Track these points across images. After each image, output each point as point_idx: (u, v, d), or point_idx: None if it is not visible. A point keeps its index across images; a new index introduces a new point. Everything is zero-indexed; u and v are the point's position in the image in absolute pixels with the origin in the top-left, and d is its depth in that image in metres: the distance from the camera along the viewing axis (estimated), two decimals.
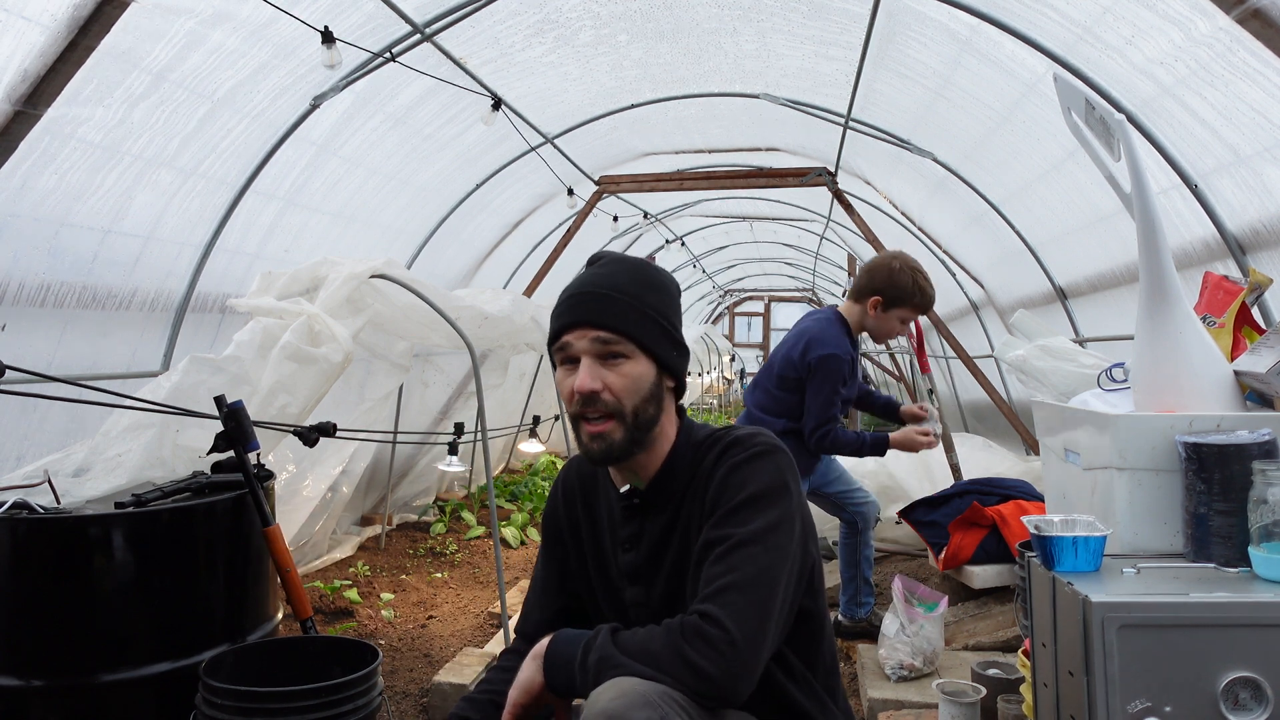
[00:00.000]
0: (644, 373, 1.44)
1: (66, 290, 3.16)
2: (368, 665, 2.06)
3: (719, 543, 1.35)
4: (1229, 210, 3.12)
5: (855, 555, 3.42)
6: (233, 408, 2.42)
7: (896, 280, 3.08)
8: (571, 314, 1.44)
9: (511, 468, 7.93)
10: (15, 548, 2.12)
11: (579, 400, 1.42)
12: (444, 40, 4.01)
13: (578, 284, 1.48)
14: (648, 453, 1.49)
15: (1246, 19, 2.42)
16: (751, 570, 1.31)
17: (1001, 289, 6.29)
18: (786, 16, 4.39)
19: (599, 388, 1.41)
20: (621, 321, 1.42)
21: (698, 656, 1.24)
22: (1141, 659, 1.38)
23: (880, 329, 3.16)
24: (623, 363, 1.42)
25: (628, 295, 1.44)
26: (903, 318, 3.13)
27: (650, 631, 1.31)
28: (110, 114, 2.98)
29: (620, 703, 1.18)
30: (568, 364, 1.45)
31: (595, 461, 1.46)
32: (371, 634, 3.84)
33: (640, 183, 6.27)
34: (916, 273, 3.11)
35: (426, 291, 3.53)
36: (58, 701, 2.10)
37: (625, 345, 1.42)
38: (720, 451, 1.45)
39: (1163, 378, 1.80)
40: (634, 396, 1.42)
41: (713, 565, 1.33)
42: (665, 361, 1.47)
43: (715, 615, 1.27)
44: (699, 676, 1.24)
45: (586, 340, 1.42)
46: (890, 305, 3.10)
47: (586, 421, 1.43)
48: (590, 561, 1.60)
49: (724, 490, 1.39)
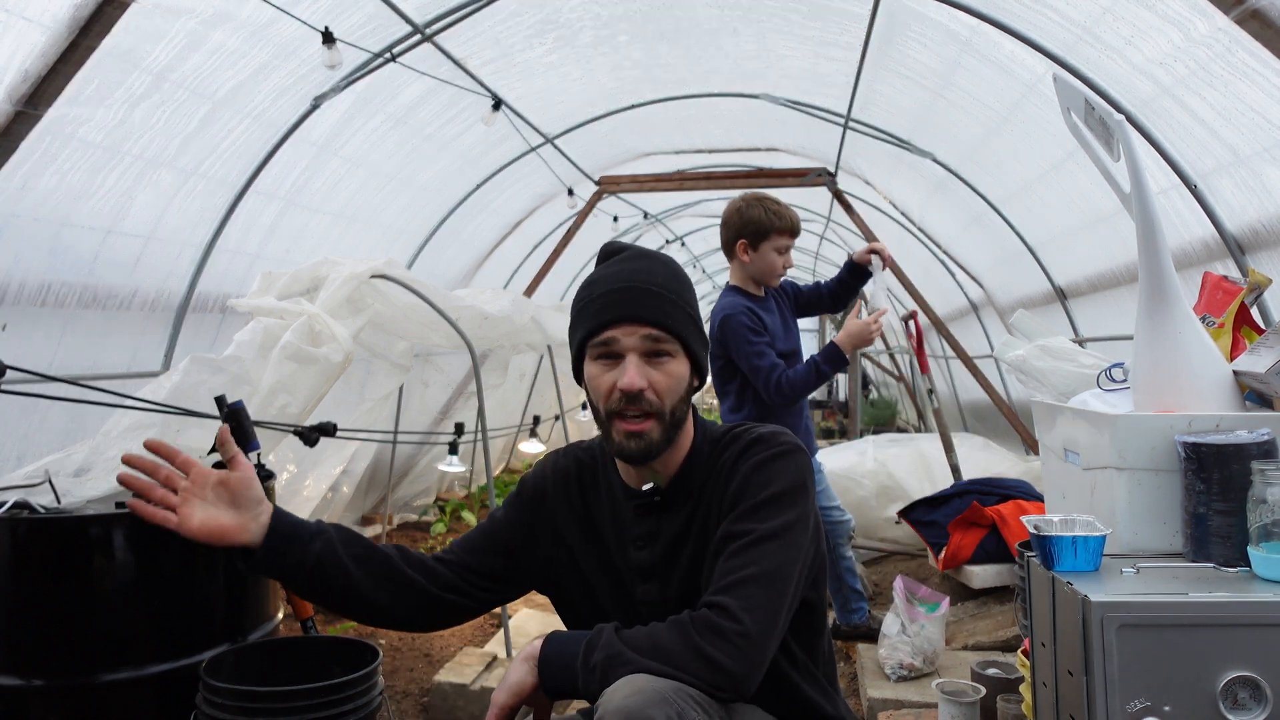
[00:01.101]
0: (684, 373, 1.43)
1: (67, 290, 3.16)
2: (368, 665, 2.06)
3: (738, 537, 1.35)
4: (1228, 210, 3.12)
5: (835, 568, 3.39)
6: (233, 408, 2.42)
7: (748, 216, 3.01)
8: (619, 309, 1.40)
9: (511, 468, 7.93)
10: (15, 548, 2.12)
11: (621, 398, 1.39)
12: (444, 40, 4.01)
13: (617, 278, 1.43)
14: (672, 452, 1.47)
15: (1245, 19, 2.42)
16: (768, 565, 1.32)
17: (1001, 289, 6.29)
18: (786, 17, 4.39)
19: (645, 386, 1.39)
20: (671, 320, 1.41)
21: (714, 650, 1.24)
22: (1141, 659, 1.38)
23: (762, 269, 3.03)
24: (668, 361, 1.41)
25: (672, 293, 1.43)
26: (776, 248, 3.01)
27: (657, 628, 1.30)
28: (111, 114, 2.98)
29: (636, 700, 1.16)
30: (608, 359, 1.42)
31: (632, 460, 1.44)
32: (372, 634, 3.84)
33: (640, 183, 6.28)
34: (764, 200, 3.03)
35: (427, 291, 3.53)
36: (58, 701, 2.10)
37: (672, 344, 1.41)
38: (743, 448, 1.44)
39: (1162, 378, 1.80)
40: (674, 396, 1.41)
41: (729, 559, 1.33)
42: (699, 361, 1.46)
43: (730, 608, 1.27)
44: (715, 670, 1.24)
45: (636, 337, 1.39)
46: (756, 241, 3.01)
47: (623, 419, 1.40)
48: (583, 560, 1.55)
49: (747, 487, 1.39)
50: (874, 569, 4.55)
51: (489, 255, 6.82)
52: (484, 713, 2.97)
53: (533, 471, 1.65)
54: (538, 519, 1.59)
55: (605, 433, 1.45)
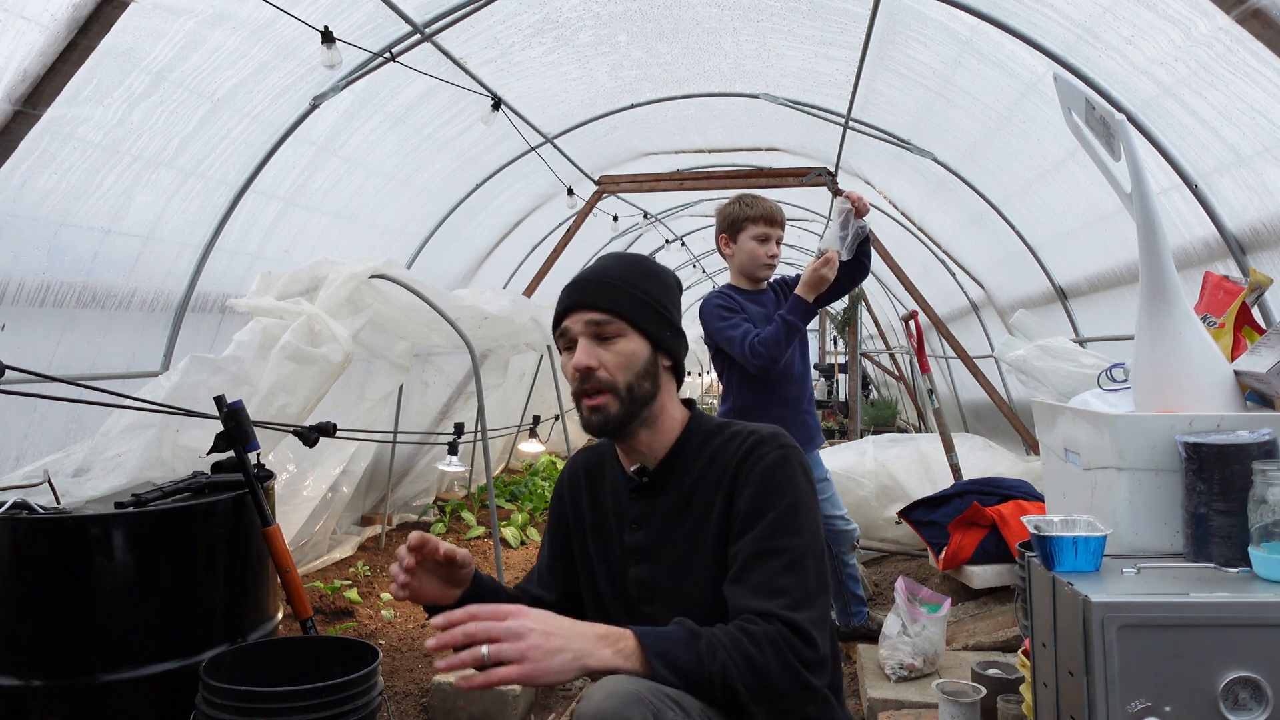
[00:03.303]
0: (637, 349, 1.52)
1: (66, 290, 3.16)
2: (368, 665, 2.07)
3: (781, 552, 1.41)
4: (1229, 210, 3.12)
5: (837, 574, 3.39)
6: (233, 408, 2.42)
7: (724, 212, 3.11)
8: (568, 299, 1.55)
9: (511, 468, 7.93)
10: (15, 548, 2.12)
11: (578, 377, 1.51)
12: (444, 40, 4.01)
13: (576, 277, 1.60)
14: (653, 432, 1.56)
15: (1246, 19, 2.42)
16: (816, 575, 1.41)
17: (1001, 289, 6.29)
18: (786, 16, 4.39)
19: (595, 364, 1.49)
20: (613, 303, 1.51)
21: (810, 677, 1.33)
22: (1141, 659, 1.38)
23: (744, 260, 3.09)
24: (616, 341, 1.51)
25: (619, 280, 1.54)
26: (753, 236, 3.06)
27: (744, 645, 1.32)
28: (110, 114, 2.98)
29: (612, 702, 1.20)
30: (570, 349, 1.53)
31: (593, 432, 1.54)
32: (372, 634, 3.84)
33: (640, 183, 6.27)
34: (742, 196, 3.11)
35: (426, 291, 3.53)
36: (58, 701, 2.10)
37: (617, 324, 1.51)
38: (746, 451, 1.49)
39: (1163, 378, 1.80)
40: (627, 372, 1.50)
41: (782, 577, 1.38)
42: (659, 340, 1.54)
43: (808, 632, 1.35)
44: (807, 690, 1.34)
45: (581, 322, 1.51)
46: (735, 234, 3.09)
47: (586, 397, 1.51)
48: (593, 546, 1.64)
49: (766, 494, 1.45)
50: (874, 569, 4.54)
51: (489, 255, 6.82)
52: (484, 713, 2.98)
53: (553, 493, 1.77)
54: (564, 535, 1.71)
55: (579, 413, 1.56)
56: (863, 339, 10.10)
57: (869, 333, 13.57)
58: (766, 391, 3.05)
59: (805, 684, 1.32)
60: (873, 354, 12.34)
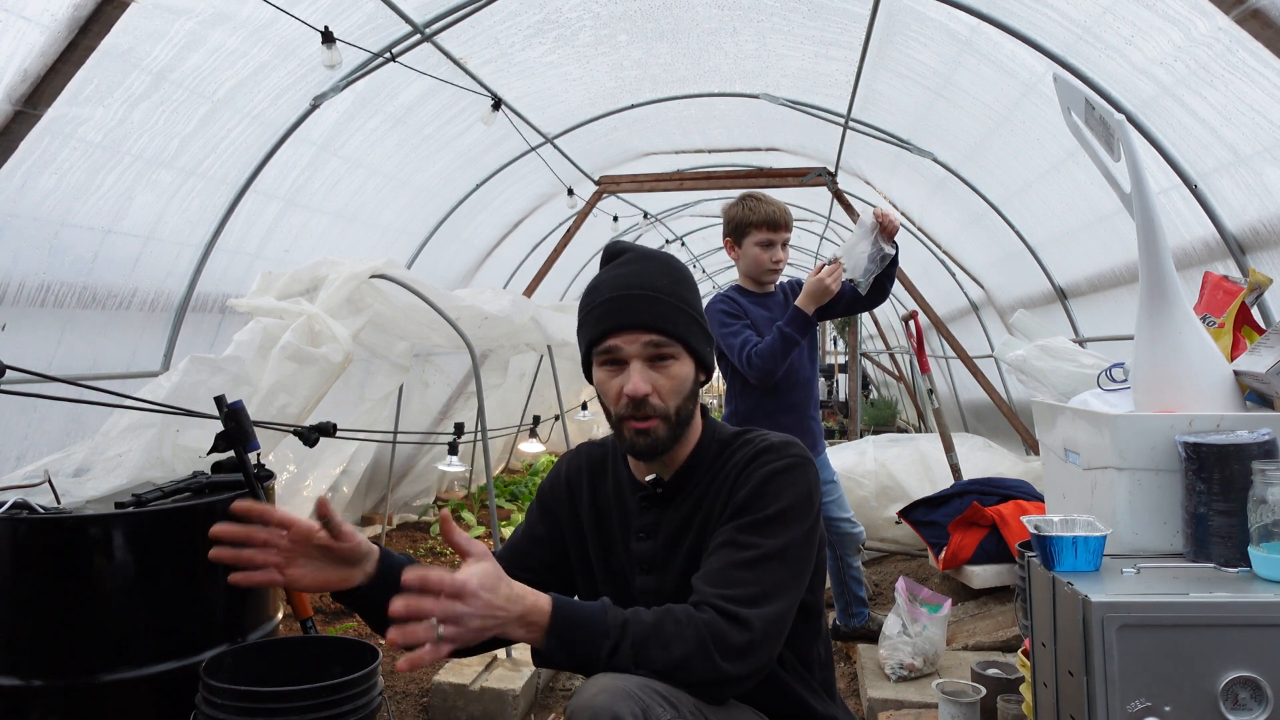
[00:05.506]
0: (688, 373, 1.48)
1: (66, 290, 3.16)
2: (368, 665, 2.07)
3: (748, 548, 1.38)
4: (1229, 210, 3.12)
5: (841, 575, 3.38)
6: (233, 408, 2.42)
7: (729, 214, 3.09)
8: (619, 316, 1.44)
9: (511, 468, 7.93)
10: (15, 548, 2.12)
11: (628, 404, 1.43)
12: (444, 40, 4.01)
13: (615, 284, 1.47)
14: (681, 446, 1.52)
15: (1245, 19, 2.42)
16: (776, 580, 1.36)
17: (1001, 289, 6.29)
18: (786, 16, 4.39)
19: (649, 391, 1.43)
20: (671, 324, 1.44)
21: (728, 666, 1.29)
22: (1141, 659, 1.38)
23: (750, 264, 3.07)
24: (670, 364, 1.45)
25: (671, 296, 1.46)
26: (759, 242, 3.03)
27: (667, 624, 1.30)
28: (110, 114, 2.98)
29: (603, 698, 1.21)
30: (613, 365, 1.46)
31: (642, 456, 1.49)
32: (371, 634, 3.84)
33: (640, 183, 6.27)
34: (747, 198, 3.08)
35: (426, 291, 3.53)
36: (58, 701, 2.10)
37: (674, 347, 1.45)
38: (753, 455, 1.48)
39: (1162, 378, 1.80)
40: (678, 396, 1.46)
41: (740, 570, 1.36)
42: (704, 359, 1.51)
43: (745, 620, 1.30)
44: (726, 681, 1.29)
45: (639, 344, 1.43)
46: (739, 238, 3.07)
47: (633, 420, 1.45)
48: (593, 549, 1.60)
49: (758, 496, 1.43)
50: (874, 569, 4.54)
51: (489, 255, 6.82)
52: (484, 713, 2.98)
53: (549, 475, 1.71)
54: (554, 525, 1.65)
55: (617, 433, 1.50)
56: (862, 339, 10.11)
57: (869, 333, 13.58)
58: (772, 396, 3.03)
59: (721, 674, 1.28)
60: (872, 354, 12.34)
